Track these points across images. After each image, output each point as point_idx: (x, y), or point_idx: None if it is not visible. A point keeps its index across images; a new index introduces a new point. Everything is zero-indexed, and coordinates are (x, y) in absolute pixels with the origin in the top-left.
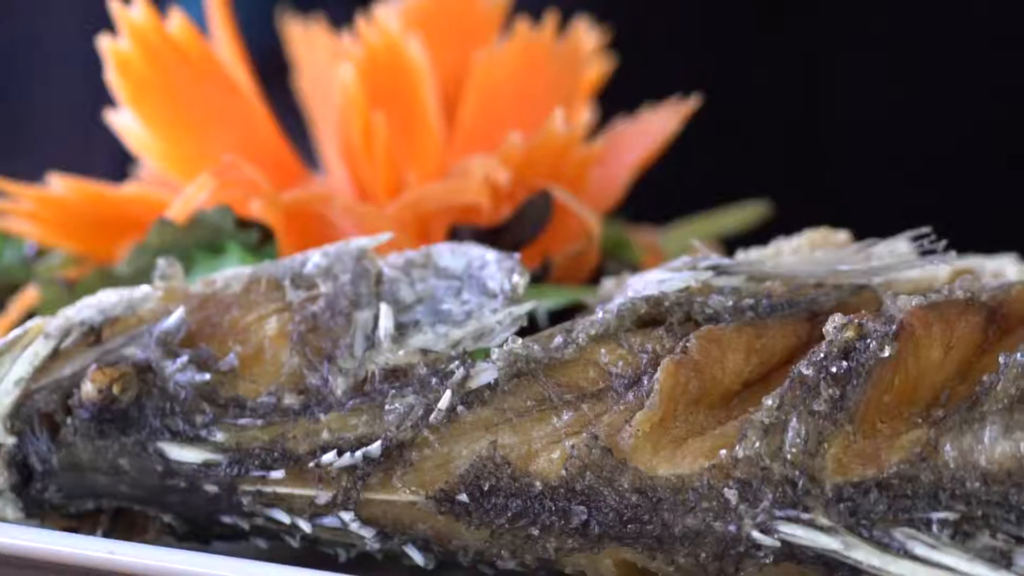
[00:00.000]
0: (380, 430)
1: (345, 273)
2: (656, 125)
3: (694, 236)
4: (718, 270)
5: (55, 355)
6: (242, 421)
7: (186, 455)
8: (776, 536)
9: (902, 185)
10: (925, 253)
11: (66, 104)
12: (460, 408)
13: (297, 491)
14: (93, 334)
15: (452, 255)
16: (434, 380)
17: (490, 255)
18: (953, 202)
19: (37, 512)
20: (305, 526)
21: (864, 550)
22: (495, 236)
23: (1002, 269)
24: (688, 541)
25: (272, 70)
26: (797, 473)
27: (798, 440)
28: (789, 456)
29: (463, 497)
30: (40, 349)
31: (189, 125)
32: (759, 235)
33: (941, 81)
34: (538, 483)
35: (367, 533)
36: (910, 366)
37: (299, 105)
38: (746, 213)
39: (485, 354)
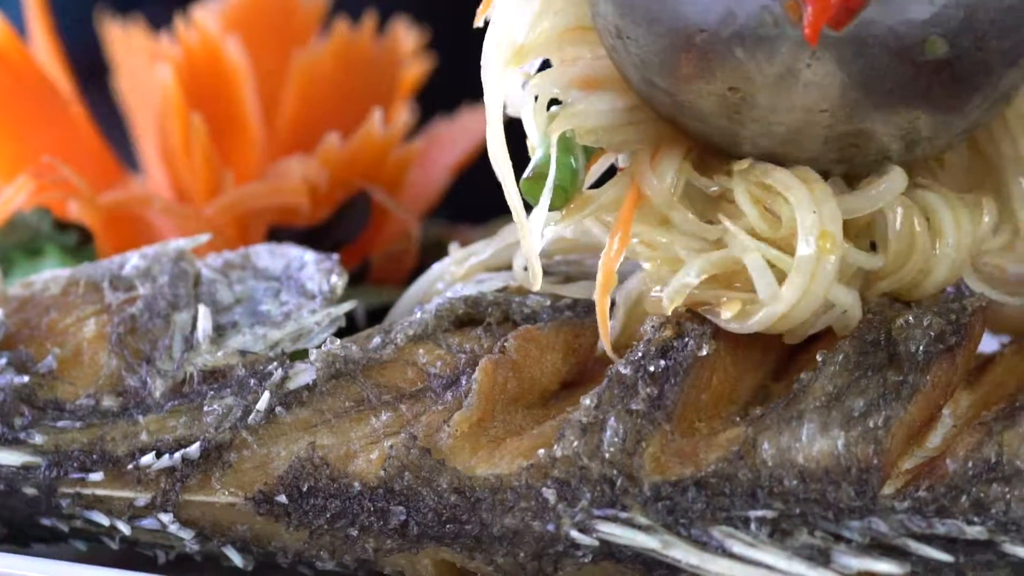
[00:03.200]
0: (199, 431)
1: (163, 275)
2: (474, 125)
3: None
4: None
5: None
6: (61, 423)
7: (4, 458)
8: (595, 535)
9: None
10: None
11: None
12: (279, 409)
13: (116, 493)
14: None
15: (271, 256)
16: (252, 381)
17: (308, 256)
18: None
19: None
20: (124, 528)
21: (682, 548)
22: (314, 237)
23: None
24: (507, 541)
25: (91, 71)
26: (615, 472)
27: (616, 439)
28: (607, 455)
29: (282, 498)
30: None
31: (6, 127)
32: None
33: None
34: (357, 484)
35: (186, 535)
36: (728, 365)
37: (118, 107)
38: None
39: (304, 355)
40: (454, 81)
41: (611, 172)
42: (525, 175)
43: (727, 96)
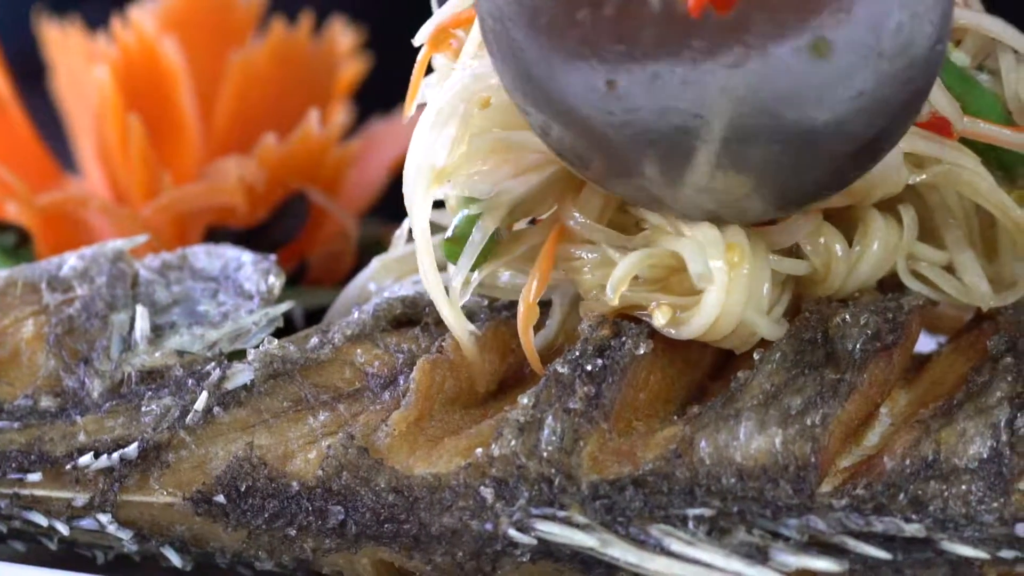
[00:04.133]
0: (137, 432)
1: (101, 275)
2: (412, 125)
3: None
4: None
5: None
6: None
7: None
8: (533, 534)
9: None
10: None
11: None
12: (216, 409)
13: (54, 493)
14: None
15: (208, 257)
16: (190, 381)
17: (246, 256)
18: None
19: None
20: (63, 528)
21: (620, 547)
22: (251, 237)
23: None
24: (445, 540)
25: (28, 72)
26: (553, 471)
27: (554, 438)
28: (545, 454)
29: (220, 498)
30: None
31: None
32: None
33: None
34: (295, 484)
35: (124, 535)
36: (666, 363)
37: (56, 107)
38: None
39: (241, 355)
40: (391, 81)
41: None
42: (446, 235)
43: (646, 188)
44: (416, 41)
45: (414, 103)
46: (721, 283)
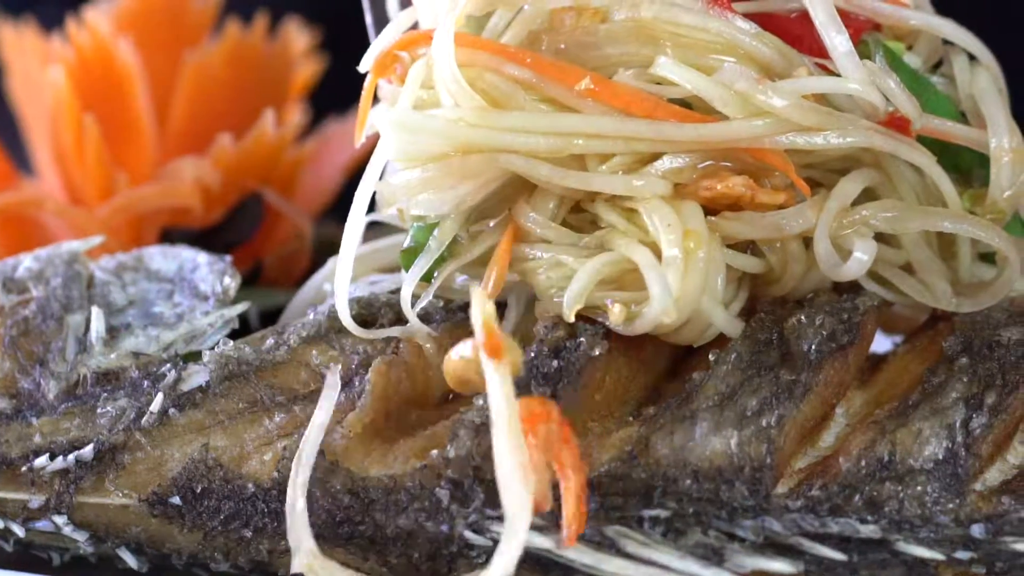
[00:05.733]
0: (92, 433)
1: (57, 277)
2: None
3: None
4: None
5: None
6: None
7: None
8: (488, 535)
9: None
10: None
11: None
12: (172, 411)
13: (10, 495)
14: None
15: (163, 258)
16: (146, 383)
17: (201, 258)
18: None
19: None
20: (18, 530)
21: (576, 549)
22: (207, 238)
23: None
24: (401, 541)
25: None
26: None
27: None
28: None
29: (176, 500)
30: None
31: None
32: None
33: None
34: (250, 485)
35: (80, 536)
36: (621, 365)
37: (11, 109)
38: None
39: (197, 357)
40: (346, 82)
41: None
42: (404, 246)
43: None
44: (361, 68)
45: (363, 131)
46: (677, 269)
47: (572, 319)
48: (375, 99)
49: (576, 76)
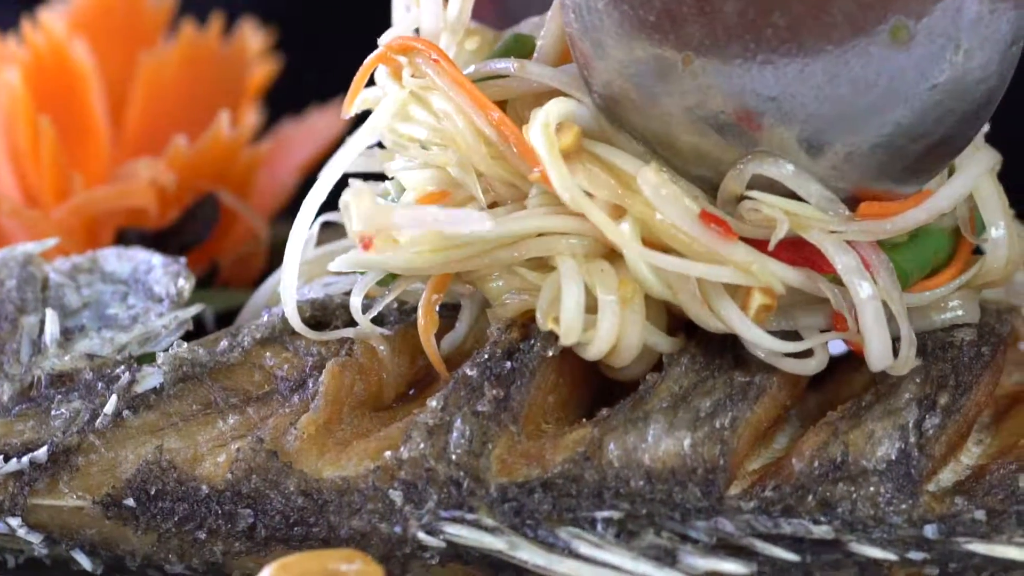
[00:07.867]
0: (46, 435)
1: (11, 279)
2: (323, 126)
3: None
4: None
5: None
6: None
7: None
8: (441, 537)
9: None
10: None
11: None
12: (126, 412)
13: None
14: None
15: (118, 260)
16: (100, 385)
17: (156, 259)
18: None
19: None
20: None
21: (529, 550)
22: (162, 240)
23: None
24: (354, 543)
25: None
26: (462, 474)
27: (462, 441)
28: (454, 457)
29: (130, 502)
30: None
31: None
32: None
33: None
34: (204, 487)
35: (35, 538)
36: (575, 366)
37: None
38: None
39: (151, 358)
40: (302, 82)
41: None
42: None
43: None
44: (380, 41)
45: (354, 104)
46: (611, 321)
47: (548, 327)
48: (370, 81)
49: None
